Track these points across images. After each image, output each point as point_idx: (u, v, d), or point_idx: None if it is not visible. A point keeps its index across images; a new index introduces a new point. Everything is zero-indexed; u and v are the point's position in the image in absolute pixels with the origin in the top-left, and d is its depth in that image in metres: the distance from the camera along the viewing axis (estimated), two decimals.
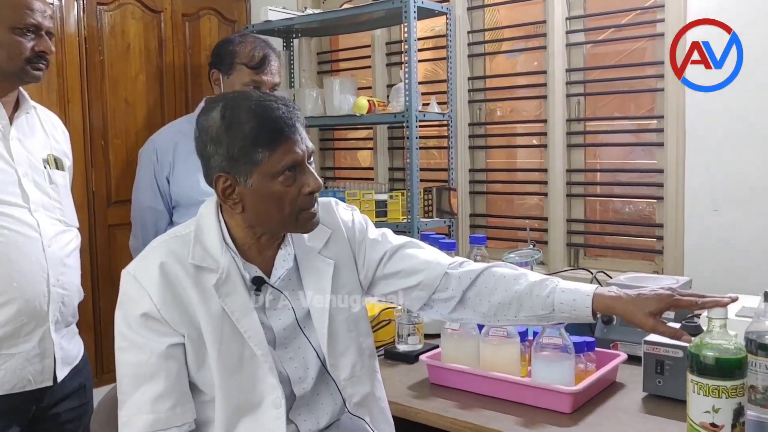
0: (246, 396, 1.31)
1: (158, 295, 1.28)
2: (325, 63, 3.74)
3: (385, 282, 1.48)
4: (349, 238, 1.47)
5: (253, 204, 1.30)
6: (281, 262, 1.38)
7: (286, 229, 1.35)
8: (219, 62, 2.09)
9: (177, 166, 2.11)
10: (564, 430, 1.40)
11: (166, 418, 1.27)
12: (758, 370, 1.27)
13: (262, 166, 1.26)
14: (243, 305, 1.32)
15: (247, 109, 1.27)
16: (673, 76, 2.50)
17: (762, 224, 2.34)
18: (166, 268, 1.29)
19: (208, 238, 1.33)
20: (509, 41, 3.10)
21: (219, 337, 1.29)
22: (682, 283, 1.88)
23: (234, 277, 1.32)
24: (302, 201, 1.30)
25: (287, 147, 1.27)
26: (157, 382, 1.27)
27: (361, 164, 3.78)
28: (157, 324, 1.28)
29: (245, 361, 1.31)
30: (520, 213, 3.14)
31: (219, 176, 1.29)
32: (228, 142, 1.27)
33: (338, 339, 1.41)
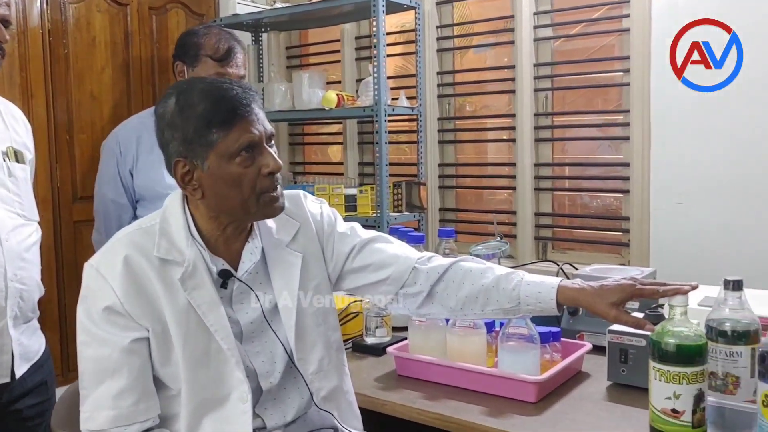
0: (212, 390, 1.29)
1: (122, 289, 1.25)
2: (294, 57, 3.72)
3: (353, 276, 1.47)
4: (318, 231, 1.45)
5: (212, 188, 1.27)
6: (248, 255, 1.36)
7: (248, 214, 1.31)
8: (183, 54, 2.06)
9: (140, 159, 2.07)
10: (529, 419, 1.40)
11: (128, 413, 1.25)
12: (718, 357, 1.29)
13: (217, 147, 1.23)
14: (209, 299, 1.29)
15: (200, 91, 1.25)
16: (639, 71, 2.53)
17: (725, 216, 2.38)
18: (130, 261, 1.27)
19: (173, 230, 1.31)
20: (478, 36, 3.11)
21: (185, 332, 1.27)
22: (646, 274, 1.89)
23: (200, 271, 1.29)
24: (262, 183, 1.27)
25: (242, 126, 1.24)
26: (119, 377, 1.24)
27: (331, 159, 3.77)
28: (120, 318, 1.25)
29: (212, 356, 1.29)
30: (489, 207, 3.15)
31: (177, 161, 1.27)
32: (182, 125, 1.24)
33: (306, 333, 1.40)
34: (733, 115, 2.35)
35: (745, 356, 1.28)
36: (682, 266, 2.41)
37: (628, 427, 1.36)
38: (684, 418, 1.21)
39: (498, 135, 3.12)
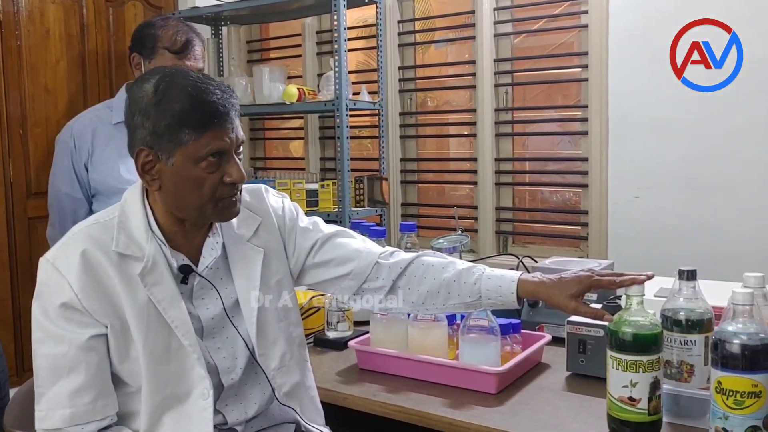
0: (173, 387, 1.27)
1: (79, 284, 1.22)
2: (254, 51, 3.69)
3: (315, 271, 1.46)
4: (279, 226, 1.44)
5: (171, 184, 1.25)
6: (209, 250, 1.34)
7: (203, 216, 1.29)
8: (140, 46, 2.03)
9: (96, 152, 2.03)
10: (490, 410, 1.41)
11: (85, 412, 1.22)
12: (673, 346, 1.32)
13: (186, 148, 1.22)
14: (170, 294, 1.27)
15: (181, 88, 1.22)
16: (597, 67, 2.57)
17: (680, 210, 2.43)
18: (87, 255, 1.24)
19: (132, 224, 1.28)
20: (439, 31, 3.12)
21: (145, 328, 1.25)
22: (604, 266, 1.92)
23: (160, 266, 1.27)
24: (222, 190, 1.26)
25: (215, 133, 1.22)
26: (76, 374, 1.22)
27: (292, 154, 3.75)
28: (77, 314, 1.22)
29: (172, 352, 1.27)
30: (451, 202, 3.17)
31: (141, 149, 1.24)
32: (156, 116, 1.22)
33: (268, 329, 1.38)
34: (688, 112, 2.39)
35: (699, 344, 1.30)
36: (638, 258, 2.45)
37: (587, 415, 1.38)
38: (640, 406, 1.23)
39: (459, 130, 3.14)
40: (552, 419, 1.37)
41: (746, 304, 1.17)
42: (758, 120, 2.28)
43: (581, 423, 1.35)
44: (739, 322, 1.17)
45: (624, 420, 1.25)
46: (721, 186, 2.35)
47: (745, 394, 1.14)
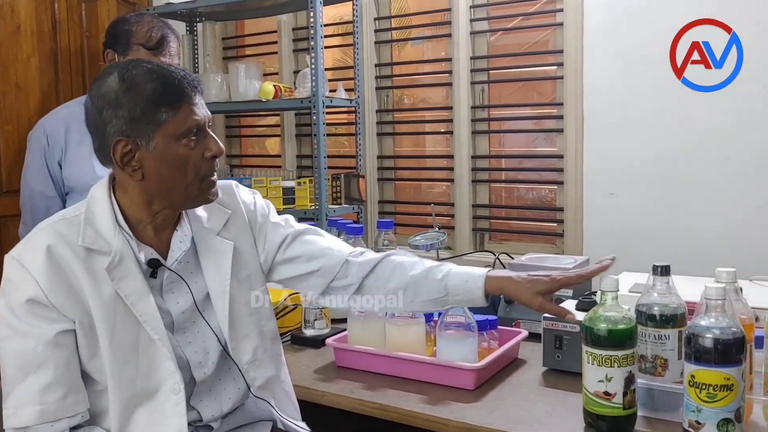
0: (142, 383, 1.26)
1: (46, 280, 1.21)
2: (230, 48, 3.66)
3: (284, 266, 1.46)
4: (250, 221, 1.44)
5: (155, 169, 1.24)
6: (177, 243, 1.33)
7: (187, 199, 1.29)
8: (114, 42, 2.00)
9: (69, 150, 2.01)
10: (468, 405, 1.42)
11: (55, 408, 1.20)
12: (647, 340, 1.33)
13: (165, 127, 1.22)
14: (138, 289, 1.26)
15: (147, 71, 1.24)
16: (572, 65, 2.58)
17: (654, 207, 2.46)
18: (53, 251, 1.22)
19: (99, 220, 1.27)
20: (415, 29, 3.12)
21: (112, 323, 1.23)
22: (579, 262, 1.94)
23: (128, 260, 1.26)
24: (205, 166, 1.27)
25: (189, 108, 1.24)
26: (45, 371, 1.20)
27: (268, 152, 3.73)
28: (44, 310, 1.21)
29: (141, 347, 1.26)
30: (428, 199, 3.17)
31: (118, 141, 1.23)
32: (128, 103, 1.21)
33: (239, 322, 1.38)
34: (662, 109, 2.42)
35: (673, 339, 1.32)
36: (614, 254, 2.46)
37: (564, 410, 1.39)
38: (615, 400, 1.25)
39: (436, 127, 3.15)
40: (529, 414, 1.38)
41: (719, 299, 1.19)
42: (732, 117, 2.31)
43: (558, 418, 1.36)
44: (711, 316, 1.19)
45: (600, 414, 1.26)
46: (694, 183, 2.38)
47: (718, 387, 1.16)
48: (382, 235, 2.29)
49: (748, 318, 1.31)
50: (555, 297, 1.83)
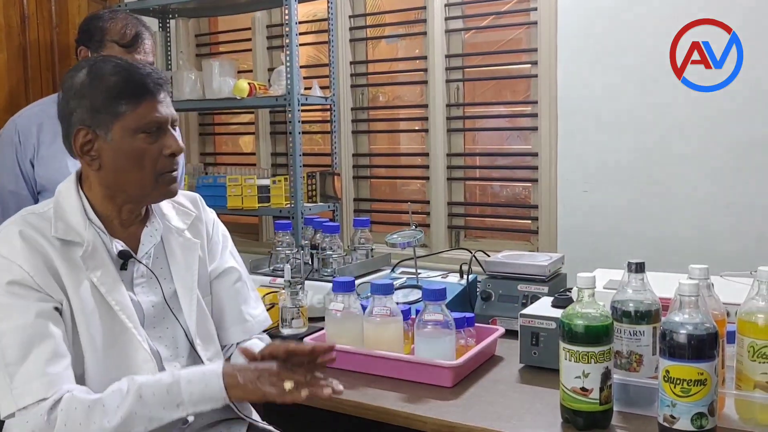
0: (118, 372, 1.25)
1: (28, 263, 1.21)
2: (203, 45, 3.63)
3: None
4: (209, 232, 1.49)
5: (111, 160, 1.27)
6: (148, 237, 1.36)
7: (144, 194, 1.31)
8: (87, 39, 1.97)
9: (42, 148, 1.97)
10: (446, 403, 1.43)
11: (62, 378, 1.18)
12: (623, 337, 1.35)
13: (124, 119, 1.26)
14: (111, 278, 1.28)
15: (114, 65, 1.29)
16: (546, 63, 2.61)
17: (627, 204, 2.49)
18: (26, 235, 1.23)
19: (69, 214, 1.29)
20: (390, 26, 3.12)
21: (90, 312, 1.25)
22: (555, 259, 1.97)
23: (100, 251, 1.28)
24: (162, 163, 1.29)
25: (152, 105, 1.27)
26: (48, 341, 1.18)
27: (242, 150, 3.71)
28: (31, 291, 1.21)
29: (117, 336, 1.27)
30: (403, 197, 3.18)
31: (79, 129, 1.27)
32: (91, 93, 1.26)
33: (206, 320, 1.41)
34: (635, 107, 2.45)
35: (648, 335, 1.34)
36: (588, 251, 2.50)
37: (541, 406, 1.40)
38: (592, 396, 1.26)
39: (411, 125, 3.15)
40: (507, 411, 1.39)
41: (692, 295, 1.21)
42: (702, 116, 2.35)
43: (535, 414, 1.37)
44: (685, 312, 1.21)
45: (577, 410, 1.28)
46: (664, 179, 2.42)
47: (692, 382, 1.18)
48: (359, 233, 2.30)
49: (720, 313, 1.33)
50: (531, 294, 1.86)
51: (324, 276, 2.10)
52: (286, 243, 2.21)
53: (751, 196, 2.28)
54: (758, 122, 2.26)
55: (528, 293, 1.87)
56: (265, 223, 3.40)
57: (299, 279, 1.87)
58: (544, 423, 1.33)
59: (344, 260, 2.17)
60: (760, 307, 1.27)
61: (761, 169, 2.26)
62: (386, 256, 2.34)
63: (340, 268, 2.10)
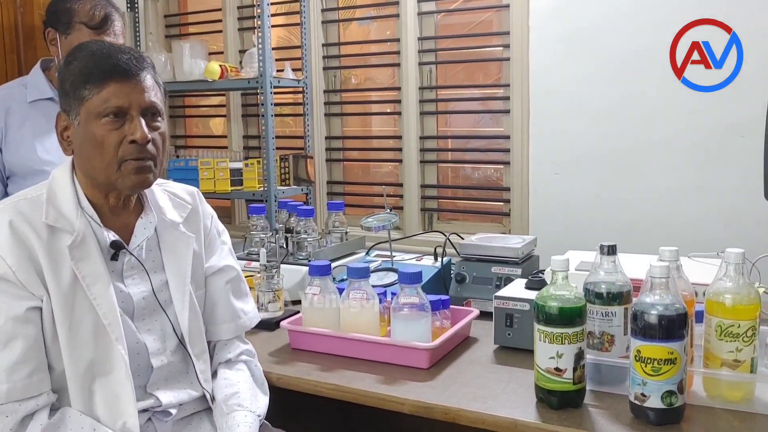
0: (100, 367, 1.25)
1: (12, 257, 1.20)
2: (173, 27, 3.57)
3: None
4: (205, 227, 1.47)
5: (78, 144, 1.27)
6: (141, 229, 1.35)
7: (110, 180, 1.27)
8: (55, 21, 1.93)
9: (10, 133, 1.94)
10: (422, 384, 1.45)
11: (22, 387, 1.18)
12: (595, 318, 1.38)
13: (87, 103, 1.24)
14: (95, 271, 1.26)
15: (88, 51, 1.28)
16: (518, 47, 2.62)
17: (597, 186, 2.53)
18: (15, 226, 1.22)
19: (61, 201, 1.28)
20: (362, 8, 3.11)
21: (71, 306, 1.23)
22: (527, 242, 1.99)
23: (89, 241, 1.26)
24: (125, 150, 1.25)
25: (116, 89, 1.23)
26: (13, 348, 1.18)
27: (213, 132, 3.68)
28: (12, 287, 1.20)
29: (99, 331, 1.25)
30: (376, 179, 3.19)
31: (59, 114, 1.29)
32: (64, 77, 1.27)
33: (196, 315, 1.40)
34: (606, 91, 2.48)
35: (619, 316, 1.37)
36: (559, 233, 2.54)
37: (516, 386, 1.43)
38: (566, 376, 1.29)
39: (383, 108, 3.15)
40: (482, 391, 1.42)
41: (662, 277, 1.24)
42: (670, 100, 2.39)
43: (510, 393, 1.40)
44: (656, 294, 1.24)
45: (551, 390, 1.31)
46: (635, 163, 2.46)
47: (662, 361, 1.21)
48: (332, 216, 2.30)
49: (689, 294, 1.37)
50: (505, 276, 1.89)
51: (299, 259, 2.10)
52: (261, 227, 2.21)
53: (720, 181, 2.33)
54: (730, 112, 2.29)
55: (502, 275, 1.90)
56: (238, 206, 3.38)
57: (275, 263, 1.88)
58: (519, 402, 1.36)
59: (319, 243, 2.18)
60: (727, 287, 1.30)
61: (731, 155, 2.31)
62: (361, 239, 2.35)
63: (315, 251, 2.11)
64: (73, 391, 1.24)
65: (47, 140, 1.95)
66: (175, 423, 1.37)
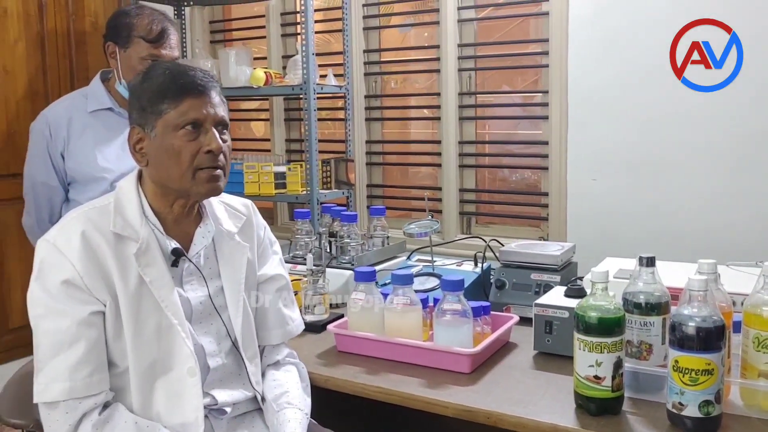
0: (162, 366, 1.33)
1: (81, 263, 1.28)
2: (217, 32, 3.67)
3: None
4: (258, 236, 1.55)
5: (154, 156, 1.34)
6: (200, 238, 1.42)
7: (185, 188, 1.36)
8: (115, 35, 2.02)
9: (72, 141, 2.04)
10: (465, 388, 1.50)
11: (83, 386, 1.27)
12: (633, 327, 1.42)
13: (165, 117, 1.32)
14: (161, 275, 1.34)
15: (164, 68, 1.37)
16: (558, 53, 2.65)
17: (635, 192, 2.55)
18: (87, 235, 1.30)
19: (127, 210, 1.36)
20: (403, 15, 3.16)
21: (136, 308, 1.31)
22: (566, 249, 2.03)
23: (153, 248, 1.35)
24: (200, 159, 1.34)
25: (192, 104, 1.32)
26: (76, 349, 1.27)
27: (255, 134, 3.76)
28: (78, 292, 1.28)
29: (162, 331, 1.33)
30: (414, 183, 3.24)
31: (133, 128, 1.36)
32: (140, 93, 1.34)
33: (249, 320, 1.48)
34: (644, 97, 2.50)
35: (657, 326, 1.41)
36: (597, 238, 2.57)
37: (555, 392, 1.47)
38: (605, 384, 1.33)
39: (422, 113, 3.20)
40: (523, 396, 1.46)
41: (701, 290, 1.28)
42: (706, 106, 2.40)
43: (550, 399, 1.44)
44: (694, 306, 1.27)
45: (590, 396, 1.35)
46: (673, 168, 2.47)
47: (700, 372, 1.25)
48: (374, 221, 2.36)
49: (726, 305, 1.40)
50: (544, 283, 1.93)
51: (342, 263, 2.17)
52: (305, 231, 2.27)
53: (758, 187, 2.34)
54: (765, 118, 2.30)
55: (541, 282, 1.94)
56: (280, 208, 3.46)
57: (321, 267, 1.94)
58: (558, 408, 1.40)
59: (361, 248, 2.24)
60: (765, 300, 1.33)
61: None
62: (401, 243, 2.40)
63: (358, 255, 2.17)
64: (135, 389, 1.32)
65: (106, 148, 2.04)
66: (229, 421, 1.44)
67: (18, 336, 2.96)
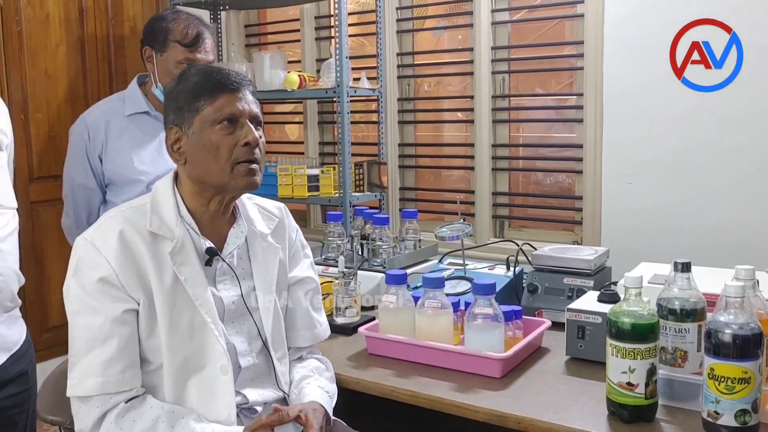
0: (195, 363, 1.35)
1: (117, 262, 1.31)
2: (253, 36, 3.71)
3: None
4: (290, 239, 1.57)
5: (192, 152, 1.37)
6: (233, 238, 1.45)
7: (223, 182, 1.38)
8: (152, 39, 2.06)
9: (109, 144, 2.08)
10: (496, 393, 1.49)
11: (115, 381, 1.30)
12: (668, 333, 1.40)
13: (202, 113, 1.35)
14: (195, 274, 1.37)
15: (198, 69, 1.42)
16: (593, 56, 2.63)
17: (670, 197, 2.51)
18: (124, 234, 1.34)
19: (163, 210, 1.39)
20: (436, 18, 3.16)
21: (171, 305, 1.34)
22: (600, 254, 2.01)
23: (188, 247, 1.37)
24: (238, 152, 1.37)
25: (227, 99, 1.36)
26: (109, 345, 1.30)
27: (288, 137, 3.79)
28: (113, 289, 1.31)
29: (195, 329, 1.36)
30: (447, 186, 3.24)
31: (170, 129, 1.39)
32: (177, 95, 1.38)
33: (279, 321, 1.49)
34: (679, 101, 2.46)
35: (693, 332, 1.39)
36: (631, 243, 2.54)
37: (587, 398, 1.46)
38: (638, 391, 1.32)
39: (455, 116, 3.20)
40: (554, 402, 1.45)
41: (737, 296, 1.25)
42: (745, 111, 2.35)
43: (582, 405, 1.43)
44: (730, 313, 1.25)
45: (623, 404, 1.33)
46: (709, 174, 2.43)
47: (736, 380, 1.22)
48: (406, 224, 2.37)
49: (765, 312, 1.37)
50: (577, 288, 1.91)
51: (374, 266, 2.17)
52: (338, 233, 2.28)
53: None
54: None
55: (574, 287, 1.92)
56: (313, 210, 3.49)
57: (352, 269, 1.95)
58: (590, 414, 1.38)
59: (393, 251, 2.24)
60: None
61: None
62: (433, 246, 2.40)
63: (389, 258, 2.17)
64: (168, 386, 1.34)
65: (142, 151, 2.08)
66: None
67: (57, 334, 3.03)
